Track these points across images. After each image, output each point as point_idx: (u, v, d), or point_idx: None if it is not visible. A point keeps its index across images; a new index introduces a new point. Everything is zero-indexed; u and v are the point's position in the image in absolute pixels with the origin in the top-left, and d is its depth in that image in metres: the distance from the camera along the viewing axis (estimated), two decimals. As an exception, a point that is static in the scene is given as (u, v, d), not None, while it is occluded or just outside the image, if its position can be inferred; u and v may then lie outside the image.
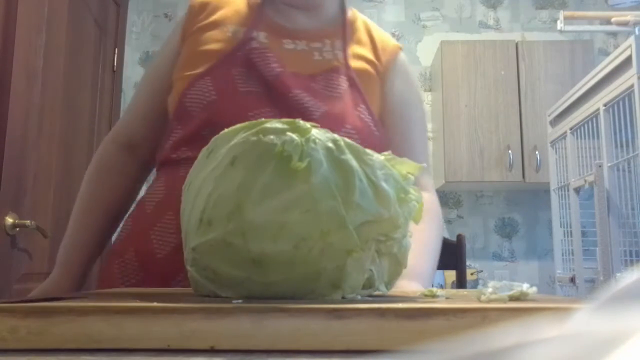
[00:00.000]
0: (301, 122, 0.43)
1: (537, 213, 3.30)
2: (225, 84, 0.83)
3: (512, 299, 0.39)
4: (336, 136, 0.43)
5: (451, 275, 2.35)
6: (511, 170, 2.98)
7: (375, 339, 0.31)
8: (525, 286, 0.41)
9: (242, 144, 0.43)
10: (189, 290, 0.49)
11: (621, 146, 1.85)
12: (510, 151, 2.98)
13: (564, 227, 2.34)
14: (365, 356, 0.30)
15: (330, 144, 0.42)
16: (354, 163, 0.42)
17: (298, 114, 0.80)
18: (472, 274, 3.06)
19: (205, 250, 0.43)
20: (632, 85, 1.72)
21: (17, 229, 1.53)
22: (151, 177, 0.94)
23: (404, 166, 0.47)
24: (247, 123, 0.45)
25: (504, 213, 3.32)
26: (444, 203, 3.33)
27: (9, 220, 1.50)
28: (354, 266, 0.42)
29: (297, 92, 0.83)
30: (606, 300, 0.18)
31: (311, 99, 0.84)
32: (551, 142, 2.49)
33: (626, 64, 1.77)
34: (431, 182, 1.00)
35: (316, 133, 0.43)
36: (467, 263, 2.11)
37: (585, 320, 0.17)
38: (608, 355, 0.13)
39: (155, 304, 0.33)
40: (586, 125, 2.12)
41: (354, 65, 0.91)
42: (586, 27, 2.74)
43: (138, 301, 0.36)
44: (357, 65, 0.92)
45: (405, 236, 0.46)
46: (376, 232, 0.43)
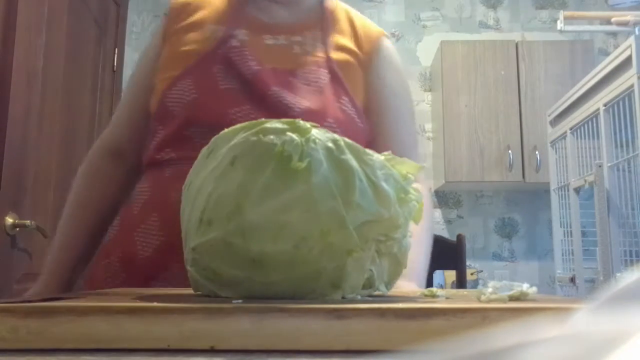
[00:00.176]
0: (301, 122, 0.43)
1: (537, 213, 3.30)
2: (206, 82, 0.83)
3: (512, 299, 0.39)
4: (336, 136, 0.43)
5: (451, 275, 2.35)
6: (511, 170, 2.98)
7: (375, 339, 0.31)
8: (525, 286, 0.41)
9: (242, 144, 0.43)
10: (188, 290, 0.49)
11: (621, 146, 1.85)
12: (510, 151, 2.98)
13: (564, 227, 2.34)
14: (365, 356, 0.30)
15: (330, 144, 0.42)
16: (354, 163, 0.42)
17: (278, 110, 0.79)
18: (472, 274, 3.06)
19: (205, 250, 0.43)
20: (632, 85, 1.72)
21: (17, 229, 1.53)
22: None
23: (404, 166, 0.47)
24: (247, 123, 0.45)
25: (504, 213, 3.32)
26: (444, 203, 3.33)
27: (9, 220, 1.50)
28: (354, 266, 0.42)
29: (276, 88, 0.82)
30: (606, 300, 0.18)
31: (291, 94, 0.83)
32: (551, 142, 2.49)
33: (626, 64, 1.77)
34: (421, 175, 0.97)
35: (316, 133, 0.43)
36: (467, 263, 2.11)
37: (585, 320, 0.17)
38: (608, 355, 0.13)
39: (155, 304, 0.33)
40: (586, 125, 2.12)
41: (335, 56, 0.90)
42: (586, 27, 2.75)
43: (138, 301, 0.36)
44: (339, 56, 0.90)
45: (405, 236, 0.46)
46: (376, 232, 0.43)
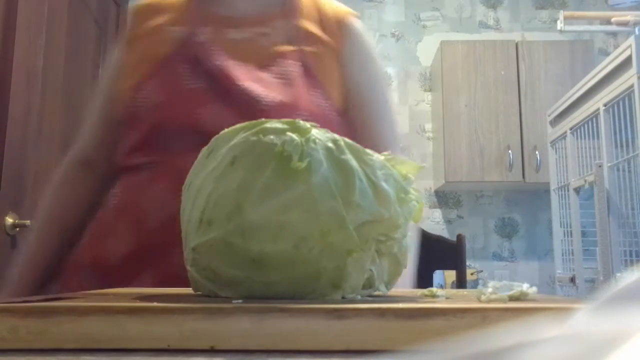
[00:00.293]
0: (301, 122, 0.43)
1: (537, 213, 3.30)
2: (171, 84, 0.82)
3: (512, 299, 0.39)
4: (336, 136, 0.43)
5: (451, 275, 2.35)
6: (511, 170, 2.98)
7: (375, 339, 0.31)
8: (525, 286, 0.41)
9: (242, 144, 0.43)
10: (189, 290, 0.49)
11: (621, 146, 1.85)
12: (510, 151, 2.98)
13: (564, 227, 2.34)
14: (365, 356, 0.30)
15: (330, 144, 0.42)
16: (354, 163, 0.42)
17: (246, 105, 0.78)
18: (472, 274, 3.06)
19: (205, 250, 0.43)
20: (632, 85, 1.72)
21: (17, 229, 1.53)
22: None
23: (404, 166, 0.47)
24: (247, 123, 0.45)
25: (504, 213, 3.32)
26: (444, 203, 3.33)
27: (9, 220, 1.50)
28: (354, 266, 0.42)
29: (243, 83, 0.80)
30: (606, 300, 0.18)
31: (259, 87, 0.80)
32: (551, 142, 2.49)
33: (626, 64, 1.77)
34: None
35: (316, 133, 0.43)
36: (467, 263, 2.11)
37: (585, 320, 0.17)
38: (608, 355, 0.13)
39: (156, 304, 0.33)
40: (586, 125, 2.12)
41: (303, 46, 0.86)
42: (586, 27, 2.75)
43: (138, 301, 0.36)
44: (307, 45, 0.87)
45: (405, 236, 0.46)
46: (376, 232, 0.43)
